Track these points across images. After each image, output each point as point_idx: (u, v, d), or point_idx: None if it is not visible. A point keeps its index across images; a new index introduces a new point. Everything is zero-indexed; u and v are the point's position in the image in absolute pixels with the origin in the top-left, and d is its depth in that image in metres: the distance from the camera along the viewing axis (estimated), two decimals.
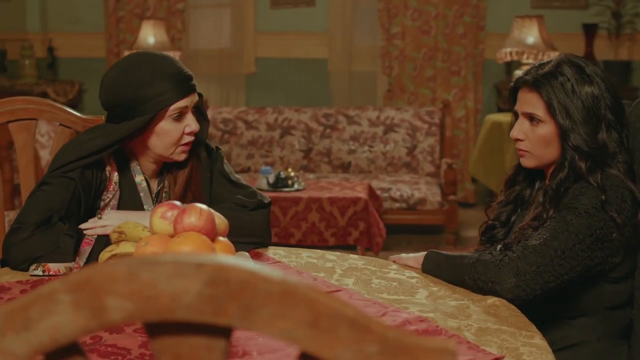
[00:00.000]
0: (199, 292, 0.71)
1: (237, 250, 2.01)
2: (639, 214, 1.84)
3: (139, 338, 1.45)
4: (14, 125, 2.19)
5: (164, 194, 2.05)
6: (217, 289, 0.71)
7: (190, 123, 1.96)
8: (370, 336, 0.71)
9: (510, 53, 5.34)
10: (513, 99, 1.98)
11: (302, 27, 6.44)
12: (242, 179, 2.16)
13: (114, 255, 1.56)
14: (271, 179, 4.88)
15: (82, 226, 1.90)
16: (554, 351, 1.88)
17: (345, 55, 6.39)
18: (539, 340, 1.51)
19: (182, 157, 1.99)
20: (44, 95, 5.79)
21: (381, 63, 6.32)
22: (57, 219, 1.84)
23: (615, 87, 1.93)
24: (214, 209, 2.02)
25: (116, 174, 1.98)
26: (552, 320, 1.90)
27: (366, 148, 5.87)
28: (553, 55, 5.25)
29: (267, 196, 2.13)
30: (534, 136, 1.92)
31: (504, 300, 1.71)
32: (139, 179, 2.01)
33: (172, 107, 1.92)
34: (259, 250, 2.05)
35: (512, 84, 1.98)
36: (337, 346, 0.71)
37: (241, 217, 2.03)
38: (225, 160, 2.13)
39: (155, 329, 0.74)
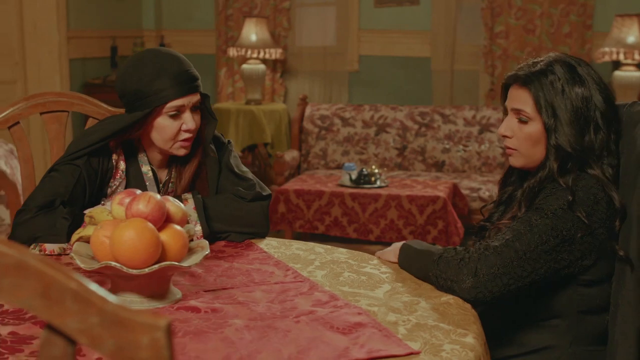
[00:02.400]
0: None
1: (235, 240, 2.11)
2: (616, 217, 1.80)
3: None
4: (46, 117, 2.37)
5: (170, 184, 2.17)
6: None
7: (187, 121, 2.05)
8: (91, 309, 0.78)
9: (610, 53, 5.17)
10: (504, 95, 1.97)
11: (405, 26, 6.46)
12: (250, 172, 2.24)
13: (80, 237, 1.68)
14: (354, 175, 4.95)
15: (86, 211, 2.04)
16: (527, 353, 1.89)
17: (447, 54, 6.36)
18: (470, 339, 1.52)
19: (182, 152, 2.09)
20: None
21: (484, 62, 6.25)
22: (60, 203, 1.98)
23: (608, 90, 1.89)
24: (215, 199, 2.12)
25: (123, 163, 2.11)
26: (525, 321, 1.89)
27: (460, 147, 5.83)
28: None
29: (268, 189, 2.20)
30: (521, 134, 1.90)
31: (459, 299, 1.72)
32: (145, 169, 2.13)
33: (168, 105, 2.02)
34: (253, 240, 2.13)
35: (504, 80, 1.97)
36: (65, 316, 0.79)
37: (238, 207, 2.12)
38: (234, 154, 2.22)
39: None
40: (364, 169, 4.96)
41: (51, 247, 1.93)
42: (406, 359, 1.41)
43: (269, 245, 2.11)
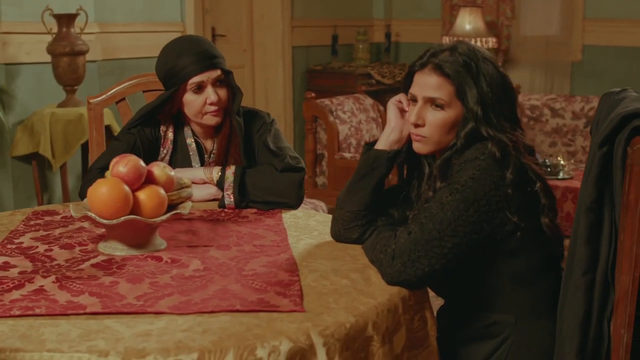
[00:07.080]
0: None
1: (263, 209, 2.33)
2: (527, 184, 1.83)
3: (77, 254, 1.91)
4: (148, 94, 2.77)
5: (212, 155, 2.45)
6: None
7: (210, 94, 2.33)
8: None
9: None
10: (409, 82, 1.96)
11: (633, 14, 6.15)
12: (289, 148, 2.44)
13: None
14: None
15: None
16: (478, 335, 1.93)
17: None
18: (368, 307, 1.61)
19: (213, 121, 2.38)
20: (367, 76, 6.41)
21: None
22: None
23: (500, 67, 1.92)
24: (252, 169, 2.36)
25: (172, 134, 2.44)
26: (469, 303, 1.93)
27: None
28: None
29: (304, 163, 2.39)
30: (436, 121, 1.89)
31: None
32: (189, 140, 2.45)
33: (190, 82, 2.32)
34: (283, 210, 2.34)
35: (410, 66, 1.96)
36: None
37: (270, 177, 2.34)
38: (273, 132, 2.45)
39: None
40: (547, 160, 4.88)
41: None
42: (287, 315, 1.57)
43: (294, 215, 2.31)
